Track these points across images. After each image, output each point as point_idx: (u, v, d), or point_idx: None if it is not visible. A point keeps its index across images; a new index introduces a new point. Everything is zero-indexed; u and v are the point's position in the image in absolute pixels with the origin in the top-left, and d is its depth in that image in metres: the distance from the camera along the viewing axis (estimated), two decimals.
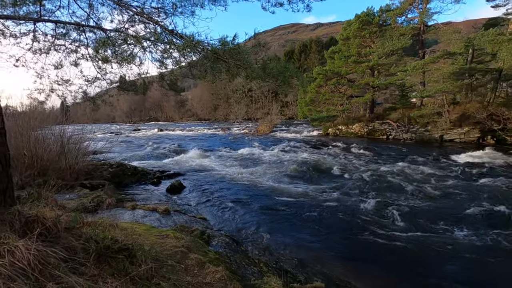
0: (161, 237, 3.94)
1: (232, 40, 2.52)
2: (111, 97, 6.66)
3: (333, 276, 3.89)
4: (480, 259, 4.37)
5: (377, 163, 11.53)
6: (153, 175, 10.19)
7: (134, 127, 46.87)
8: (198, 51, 2.57)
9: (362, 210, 6.47)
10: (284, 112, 46.77)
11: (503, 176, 8.82)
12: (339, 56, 23.15)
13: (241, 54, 2.58)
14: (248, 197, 7.61)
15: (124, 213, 5.85)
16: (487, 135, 15.71)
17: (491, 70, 17.35)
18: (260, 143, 19.06)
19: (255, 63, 2.89)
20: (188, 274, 2.81)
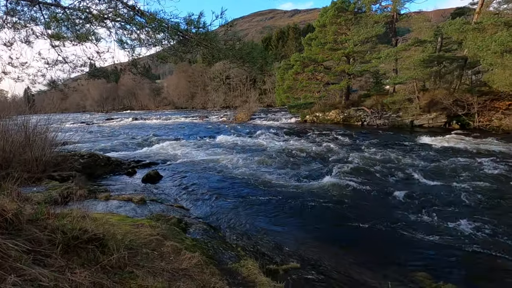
0: (136, 226, 3.86)
1: (197, 19, 2.43)
2: (81, 85, 6.27)
3: (308, 257, 4.02)
4: (447, 235, 4.70)
5: (351, 149, 11.90)
6: (127, 165, 9.90)
7: (107, 116, 44.88)
8: (162, 30, 2.44)
9: (337, 195, 6.70)
10: (263, 100, 46.70)
11: (466, 158, 9.44)
12: (316, 43, 23.24)
13: (208, 34, 2.49)
14: (226, 185, 7.61)
15: (97, 204, 5.67)
16: (453, 120, 16.65)
17: (457, 58, 18.22)
18: (238, 131, 18.99)
19: (224, 44, 2.81)
20: (163, 261, 2.78)
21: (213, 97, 49.93)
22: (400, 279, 3.56)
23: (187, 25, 2.45)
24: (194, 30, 2.50)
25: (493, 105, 15.81)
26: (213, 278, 2.71)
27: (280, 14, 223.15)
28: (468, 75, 20.62)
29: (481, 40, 13.22)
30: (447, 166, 8.66)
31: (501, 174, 7.67)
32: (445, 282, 3.40)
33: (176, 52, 2.85)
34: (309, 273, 3.40)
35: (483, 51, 13.01)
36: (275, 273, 3.30)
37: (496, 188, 6.62)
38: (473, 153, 10.31)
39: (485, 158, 9.31)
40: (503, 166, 8.41)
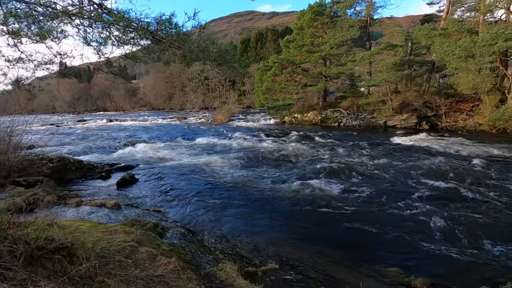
0: (109, 233, 3.70)
1: (168, 19, 2.36)
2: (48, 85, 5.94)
3: (287, 257, 4.05)
4: (416, 231, 4.92)
5: (328, 150, 12.17)
6: (101, 169, 9.49)
7: (79, 117, 42.84)
8: (131, 30, 2.35)
9: (314, 195, 6.81)
10: (242, 101, 46.68)
11: (434, 157, 9.96)
12: (293, 45, 23.60)
13: (180, 35, 2.43)
14: (205, 187, 7.51)
15: (66, 210, 5.39)
16: (423, 121, 17.52)
17: (426, 62, 19.23)
18: (217, 132, 18.83)
19: (197, 46, 2.77)
20: (137, 268, 2.69)
21: (191, 98, 49.19)
22: (374, 275, 3.67)
23: (157, 26, 2.38)
24: (165, 31, 2.43)
25: (458, 107, 16.83)
26: (190, 284, 2.66)
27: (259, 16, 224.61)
28: (436, 78, 21.82)
29: (447, 45, 14.03)
30: (415, 164, 9.08)
31: (462, 171, 8.15)
32: (416, 276, 3.55)
33: (148, 52, 2.76)
34: (287, 274, 3.42)
35: (449, 55, 13.81)
36: (254, 275, 3.29)
37: (457, 185, 7.02)
38: (439, 152, 10.89)
39: (449, 157, 9.88)
40: (465, 163, 8.96)
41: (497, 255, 4.08)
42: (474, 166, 8.77)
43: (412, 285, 3.36)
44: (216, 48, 2.88)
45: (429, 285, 3.33)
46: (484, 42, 12.11)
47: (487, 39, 12.06)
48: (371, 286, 3.43)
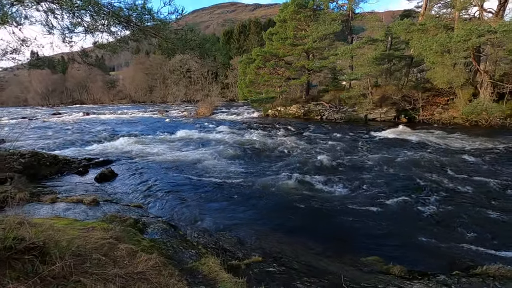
0: (86, 230, 3.56)
1: (142, 4, 2.23)
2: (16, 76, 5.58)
3: (270, 250, 4.08)
4: (394, 220, 5.09)
5: (310, 143, 12.32)
6: (78, 164, 9.12)
7: (53, 110, 40.83)
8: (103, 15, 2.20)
9: (297, 187, 6.89)
10: (225, 94, 46.15)
11: (411, 149, 10.32)
12: (276, 38, 23.48)
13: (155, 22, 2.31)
14: (187, 181, 7.40)
15: (40, 208, 5.15)
16: (401, 114, 18.07)
17: (405, 56, 19.74)
18: (199, 125, 18.57)
19: (174, 34, 2.65)
20: (116, 266, 2.60)
21: (173, 91, 48.13)
22: (355, 264, 3.77)
23: (130, 11, 2.24)
24: (139, 17, 2.29)
25: (435, 101, 17.47)
26: (171, 280, 2.61)
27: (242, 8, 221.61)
28: (414, 73, 22.49)
29: (425, 40, 14.44)
30: (393, 156, 9.37)
31: (436, 163, 8.51)
32: (394, 263, 3.67)
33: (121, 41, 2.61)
34: (270, 266, 3.44)
35: (426, 50, 14.23)
36: (237, 269, 3.28)
37: (431, 175, 7.32)
38: (416, 144, 11.30)
39: (424, 149, 10.28)
40: (438, 155, 9.36)
41: (469, 241, 4.30)
42: (448, 157, 9.16)
43: (390, 273, 3.47)
44: (195, 36, 2.77)
45: (406, 272, 3.46)
46: (459, 38, 12.55)
47: (462, 35, 12.51)
48: (351, 275, 3.51)
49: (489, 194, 6.09)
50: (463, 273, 3.25)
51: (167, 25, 2.46)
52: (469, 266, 3.48)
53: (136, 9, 2.20)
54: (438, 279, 3.15)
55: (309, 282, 3.06)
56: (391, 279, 3.31)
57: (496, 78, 15.08)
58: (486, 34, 12.25)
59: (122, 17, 2.22)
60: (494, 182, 6.73)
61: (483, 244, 4.20)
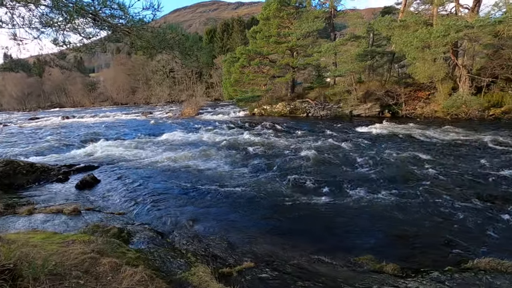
0: (66, 244, 3.34)
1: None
2: None
3: (262, 254, 3.98)
4: (387, 216, 5.10)
5: (298, 141, 12.31)
6: (57, 171, 8.70)
7: (31, 115, 39.13)
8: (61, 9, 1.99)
9: (287, 186, 6.82)
10: (210, 94, 45.69)
11: (396, 143, 10.48)
12: (260, 36, 23.35)
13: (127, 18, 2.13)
14: (173, 186, 7.19)
15: (16, 221, 4.83)
16: (385, 109, 18.41)
17: (386, 52, 20.10)
18: (185, 126, 18.23)
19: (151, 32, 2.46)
20: (99, 284, 2.42)
21: (156, 92, 47.21)
22: (347, 264, 3.73)
23: (98, 5, 2.04)
24: (108, 11, 2.10)
25: (417, 95, 17.89)
26: None
27: (224, 6, 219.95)
28: (396, 68, 22.95)
29: (405, 36, 14.72)
30: (379, 151, 9.49)
31: (420, 156, 8.67)
32: (387, 261, 3.65)
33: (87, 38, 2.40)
34: (263, 271, 3.34)
35: (407, 46, 14.51)
36: (229, 276, 3.16)
37: (416, 168, 7.44)
38: (399, 138, 11.50)
39: (408, 142, 10.48)
40: (423, 148, 9.55)
41: (459, 235, 4.35)
42: (430, 151, 9.36)
43: (384, 271, 3.45)
44: (174, 33, 2.59)
45: (399, 269, 3.44)
46: (438, 33, 12.86)
47: (441, 30, 12.82)
48: (345, 275, 3.46)
49: (474, 185, 6.23)
50: (455, 268, 3.27)
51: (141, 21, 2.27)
52: (460, 260, 3.50)
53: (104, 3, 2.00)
54: (431, 275, 3.15)
55: (303, 287, 2.98)
56: (385, 278, 3.28)
57: (473, 72, 15.59)
58: (464, 29, 12.60)
59: (90, 13, 2.03)
60: (477, 173, 6.90)
61: (472, 237, 4.26)
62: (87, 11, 2.02)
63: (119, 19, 2.15)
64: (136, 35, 2.30)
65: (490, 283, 2.93)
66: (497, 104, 14.71)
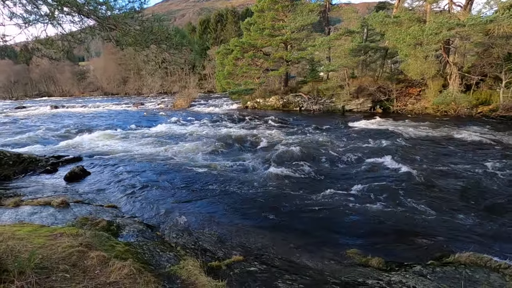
0: (53, 237, 3.31)
1: None
2: None
3: (251, 247, 4.03)
4: (370, 212, 5.21)
5: (289, 135, 12.36)
6: (46, 162, 8.56)
7: (17, 104, 38.09)
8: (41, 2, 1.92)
9: (277, 180, 6.87)
10: (203, 85, 45.20)
11: (386, 139, 10.63)
12: (254, 28, 23.12)
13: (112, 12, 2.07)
14: (163, 178, 7.16)
15: (2, 213, 4.77)
16: (377, 105, 18.59)
17: (380, 48, 20.16)
18: (177, 118, 18.06)
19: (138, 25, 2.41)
20: (86, 277, 2.42)
21: (148, 82, 46.42)
22: (334, 258, 3.81)
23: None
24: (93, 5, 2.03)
25: (408, 92, 18.10)
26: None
27: None
28: (389, 64, 23.10)
29: (399, 33, 14.79)
30: (369, 146, 9.62)
31: (408, 151, 8.84)
32: (372, 255, 3.75)
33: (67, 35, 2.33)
34: (252, 265, 3.39)
35: (400, 43, 14.59)
36: (218, 270, 3.20)
37: (405, 164, 7.59)
38: (389, 133, 11.66)
39: (398, 137, 10.64)
40: (411, 144, 9.73)
41: (441, 230, 4.49)
42: (419, 146, 9.54)
43: (369, 265, 3.54)
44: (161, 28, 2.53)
45: (383, 263, 3.54)
46: (431, 31, 12.95)
47: (433, 28, 12.91)
48: (332, 268, 3.55)
49: (458, 181, 6.40)
50: (437, 262, 3.38)
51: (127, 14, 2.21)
52: (442, 255, 3.62)
53: None
54: (414, 269, 3.25)
55: (290, 280, 3.04)
56: (370, 271, 3.37)
57: (464, 70, 15.82)
58: (456, 28, 12.72)
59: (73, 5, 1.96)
60: (462, 169, 7.09)
61: (454, 233, 4.40)
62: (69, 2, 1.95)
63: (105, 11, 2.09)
64: (123, 31, 2.24)
65: (470, 277, 3.04)
66: (485, 102, 15.00)
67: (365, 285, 2.96)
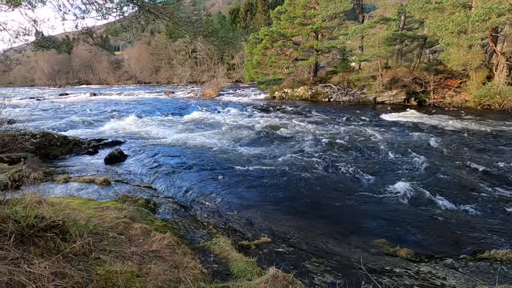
0: (101, 210, 3.67)
1: None
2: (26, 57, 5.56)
3: (278, 231, 4.17)
4: (401, 204, 5.12)
5: (318, 126, 12.22)
6: (88, 145, 9.28)
7: (61, 91, 41.02)
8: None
9: (306, 170, 6.91)
10: (231, 75, 45.59)
11: (422, 132, 10.17)
12: (285, 17, 22.76)
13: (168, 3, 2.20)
14: (195, 162, 7.48)
15: (54, 187, 5.29)
16: (411, 97, 17.69)
17: (418, 37, 19.02)
18: (206, 107, 18.50)
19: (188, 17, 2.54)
20: (132, 244, 2.70)
21: (179, 72, 47.63)
22: (362, 246, 3.84)
23: None
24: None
25: (447, 83, 16.99)
26: (185, 258, 2.70)
27: None
28: (427, 54, 21.75)
29: (440, 20, 13.82)
30: (402, 140, 9.27)
31: (446, 145, 8.40)
32: (401, 246, 3.73)
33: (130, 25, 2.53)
34: (279, 247, 3.53)
35: (441, 30, 13.65)
36: (247, 249, 3.38)
37: (441, 159, 7.26)
38: (425, 127, 11.10)
39: (434, 132, 10.12)
40: (449, 139, 9.22)
41: (479, 226, 4.32)
42: (458, 141, 9.02)
43: (397, 255, 3.54)
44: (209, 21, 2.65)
45: (413, 254, 3.52)
46: (478, 17, 11.97)
47: (481, 14, 11.92)
48: (358, 256, 3.58)
49: (502, 180, 6.03)
50: (470, 257, 3.29)
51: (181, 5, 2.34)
52: (476, 250, 3.51)
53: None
54: (445, 262, 3.20)
55: (317, 263, 3.14)
56: (398, 261, 3.37)
57: None
58: (507, 13, 11.65)
59: None
60: (506, 167, 6.65)
61: (492, 230, 4.21)
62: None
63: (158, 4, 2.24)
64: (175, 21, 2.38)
65: (506, 273, 2.95)
66: None
67: (392, 273, 2.98)
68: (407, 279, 2.80)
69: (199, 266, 2.59)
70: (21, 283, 1.54)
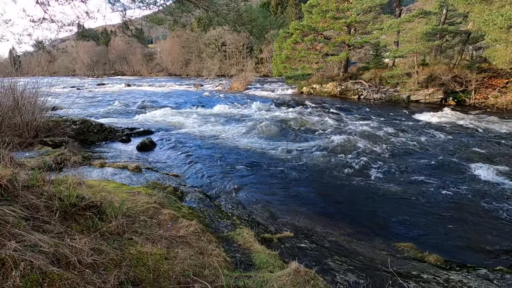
0: (133, 194, 3.89)
1: None
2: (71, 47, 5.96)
3: (301, 227, 4.16)
4: (435, 208, 4.88)
5: (348, 123, 11.91)
6: (121, 133, 9.79)
7: (98, 81, 43.47)
8: None
9: (331, 168, 6.79)
10: (259, 69, 45.54)
11: (460, 135, 9.55)
12: (316, 10, 22.19)
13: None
14: (221, 155, 7.63)
15: (92, 171, 5.66)
16: (449, 97, 16.59)
17: (460, 32, 17.71)
18: (234, 100, 18.69)
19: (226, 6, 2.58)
20: (161, 228, 2.84)
21: (208, 65, 48.43)
22: (387, 249, 3.73)
23: None
24: None
25: (491, 83, 15.72)
26: (210, 245, 2.80)
27: None
28: (469, 51, 20.24)
29: (488, 13, 12.75)
30: (436, 141, 8.77)
31: (487, 150, 7.82)
32: (430, 252, 3.57)
33: (172, 13, 2.62)
34: (302, 242, 3.53)
35: (489, 25, 12.59)
36: (270, 242, 3.42)
37: (478, 163, 6.78)
38: (465, 129, 10.40)
39: (475, 135, 9.45)
40: (491, 143, 8.56)
41: None
42: (501, 147, 8.37)
43: (425, 261, 3.40)
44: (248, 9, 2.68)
45: (443, 261, 3.36)
46: None
47: None
48: (383, 258, 3.49)
49: None
50: (507, 270, 3.08)
51: None
52: None
53: None
54: (478, 272, 3.03)
55: (340, 261, 3.11)
56: (426, 267, 3.24)
57: None
58: None
59: None
60: None
61: None
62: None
63: None
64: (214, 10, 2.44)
65: None
66: None
67: (419, 278, 2.88)
68: (436, 286, 2.69)
69: (223, 254, 2.67)
70: (65, 255, 1.69)
